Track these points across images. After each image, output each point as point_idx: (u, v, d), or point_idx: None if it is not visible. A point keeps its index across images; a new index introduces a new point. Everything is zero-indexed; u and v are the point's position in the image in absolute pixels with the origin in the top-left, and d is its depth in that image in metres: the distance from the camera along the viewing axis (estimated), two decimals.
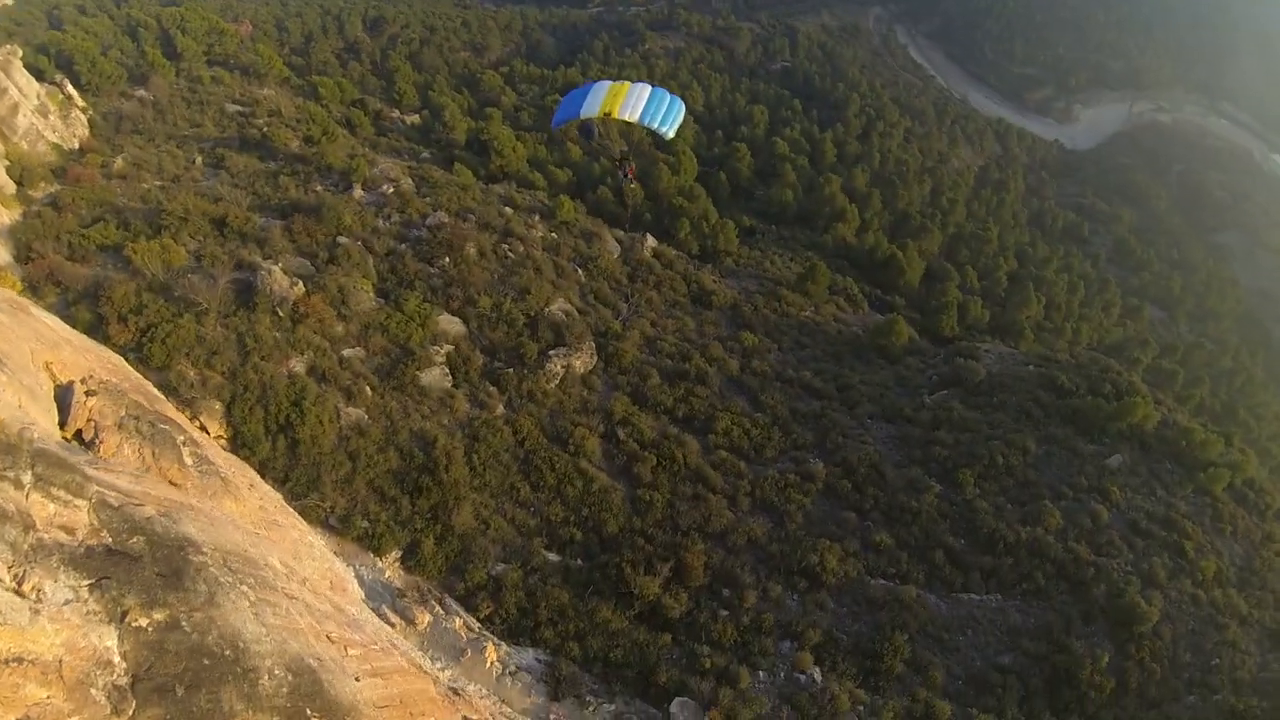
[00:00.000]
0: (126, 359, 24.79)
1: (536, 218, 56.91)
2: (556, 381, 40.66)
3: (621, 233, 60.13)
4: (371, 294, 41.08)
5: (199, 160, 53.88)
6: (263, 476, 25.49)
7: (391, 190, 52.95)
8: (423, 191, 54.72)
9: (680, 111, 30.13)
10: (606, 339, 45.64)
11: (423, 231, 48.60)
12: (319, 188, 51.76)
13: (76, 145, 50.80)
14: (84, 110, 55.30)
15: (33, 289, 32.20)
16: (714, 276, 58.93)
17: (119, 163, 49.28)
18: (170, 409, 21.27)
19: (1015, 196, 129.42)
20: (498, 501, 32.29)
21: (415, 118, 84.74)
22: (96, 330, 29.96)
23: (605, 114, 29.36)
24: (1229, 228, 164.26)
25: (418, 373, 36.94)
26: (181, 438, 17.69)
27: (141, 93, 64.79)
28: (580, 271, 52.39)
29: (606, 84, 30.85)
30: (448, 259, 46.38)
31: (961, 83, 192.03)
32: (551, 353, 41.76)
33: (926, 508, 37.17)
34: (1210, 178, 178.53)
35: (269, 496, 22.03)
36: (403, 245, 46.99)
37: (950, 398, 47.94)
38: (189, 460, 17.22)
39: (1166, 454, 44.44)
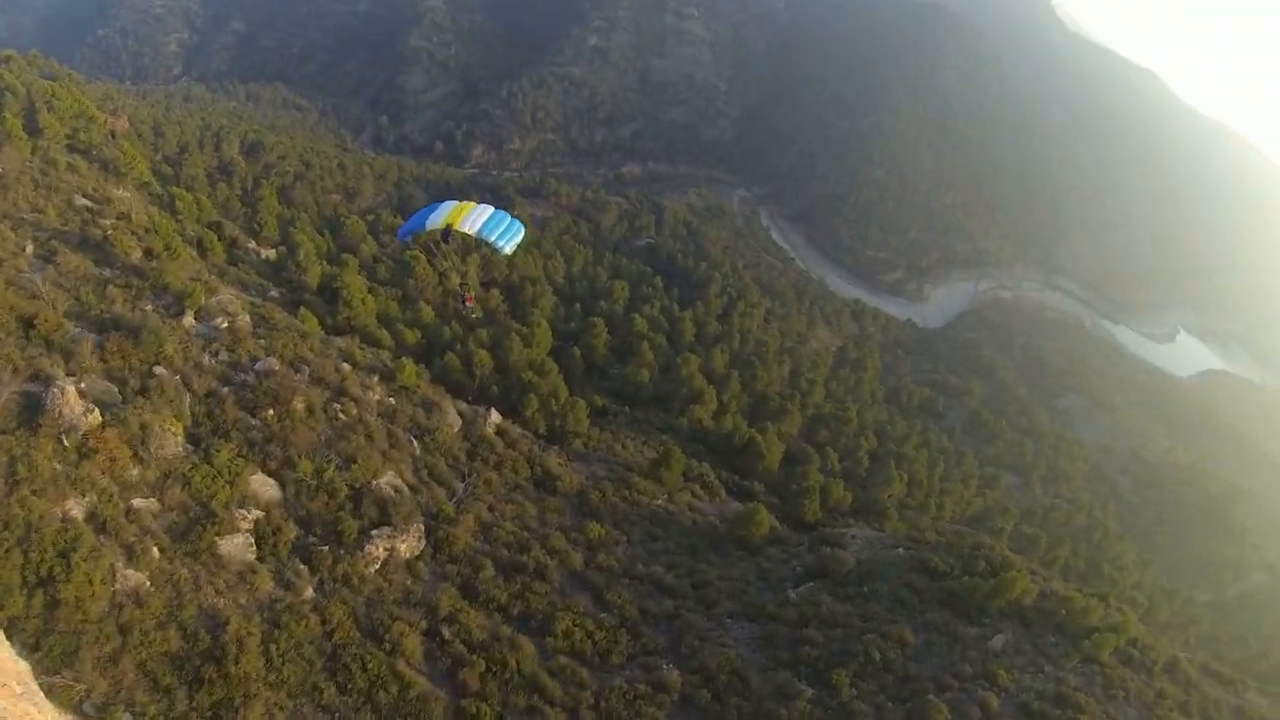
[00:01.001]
0: None
1: (376, 378, 53.71)
2: (377, 566, 36.83)
3: (465, 405, 57.44)
4: (180, 438, 36.81)
5: (29, 249, 48.99)
6: (8, 638, 20.49)
7: (226, 325, 49.03)
8: (259, 332, 50.97)
9: (519, 233, 32.47)
10: (438, 522, 42.25)
11: (250, 376, 44.75)
12: (149, 307, 46.87)
13: None
14: None
15: None
16: (561, 459, 56.31)
17: None
18: None
19: (873, 375, 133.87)
20: (295, 703, 27.52)
21: (272, 252, 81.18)
22: None
23: (448, 225, 31.79)
24: (1069, 392, 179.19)
25: (217, 539, 32.26)
26: None
27: None
28: (416, 443, 49.13)
29: (452, 202, 32.90)
30: (271, 411, 42.64)
31: (820, 265, 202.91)
32: (374, 533, 38.06)
33: (798, 715, 33.80)
34: (1049, 347, 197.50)
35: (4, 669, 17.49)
36: (225, 388, 43.00)
37: (818, 590, 45.53)
38: None
39: (1048, 626, 42.99)
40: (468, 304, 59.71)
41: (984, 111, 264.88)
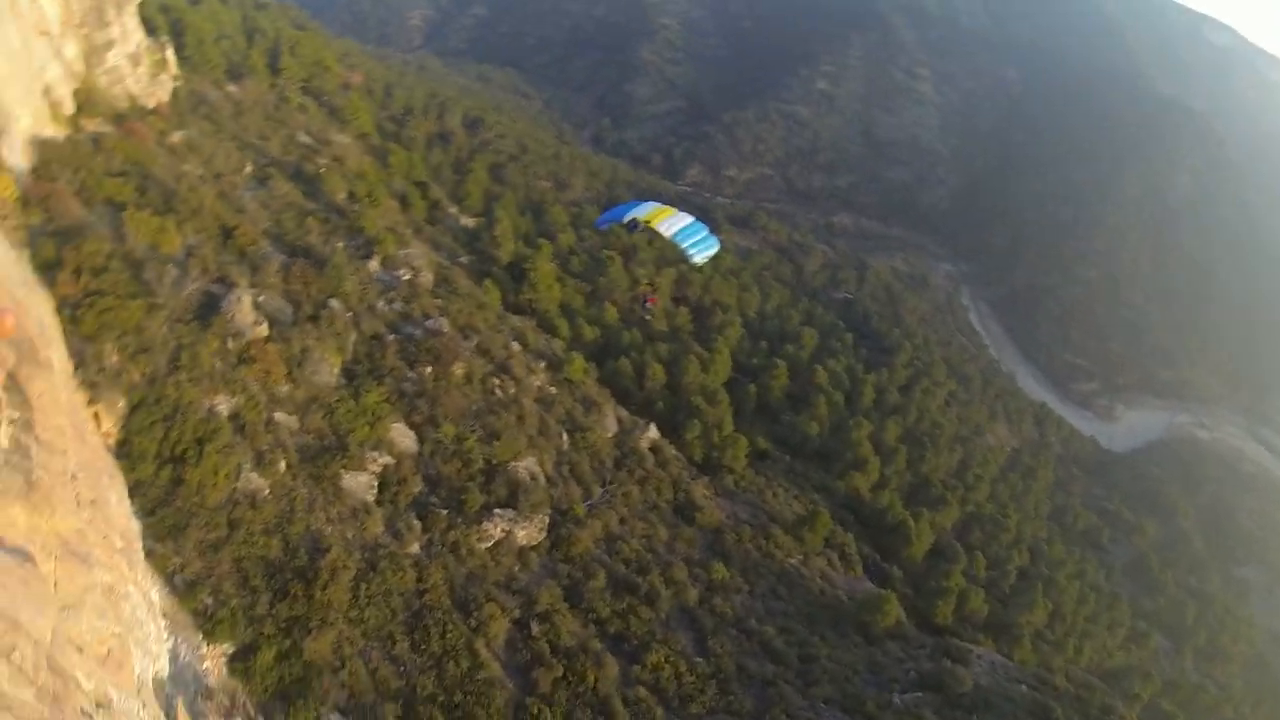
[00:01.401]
0: (59, 314, 23.70)
1: (542, 365, 54.06)
2: (490, 544, 37.03)
3: (625, 413, 56.90)
4: (336, 370, 38.13)
5: (248, 170, 52.52)
6: (131, 497, 23.05)
7: (408, 277, 50.62)
8: (438, 292, 52.30)
9: (713, 247, 33.31)
10: (564, 519, 41.89)
11: (418, 331, 45.85)
12: (340, 244, 49.39)
13: (150, 105, 49.93)
14: (174, 79, 54.67)
15: (25, 202, 30.45)
16: (708, 492, 54.97)
17: (176, 138, 48.50)
18: (39, 385, 16.60)
19: (1042, 486, 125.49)
20: (367, 644, 28.23)
21: (471, 221, 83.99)
22: (48, 271, 27.53)
23: (646, 222, 32.29)
24: (1253, 561, 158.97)
25: (343, 471, 33.63)
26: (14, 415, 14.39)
27: (232, 88, 64.94)
28: (566, 438, 48.95)
29: (655, 203, 33.86)
30: (430, 369, 43.41)
31: (1013, 359, 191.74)
32: (498, 511, 38.23)
33: None
34: (1241, 504, 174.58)
35: (107, 524, 18.01)
36: (391, 336, 44.30)
37: (924, 704, 42.20)
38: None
39: None
40: (649, 305, 59.19)
41: (1214, 229, 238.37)
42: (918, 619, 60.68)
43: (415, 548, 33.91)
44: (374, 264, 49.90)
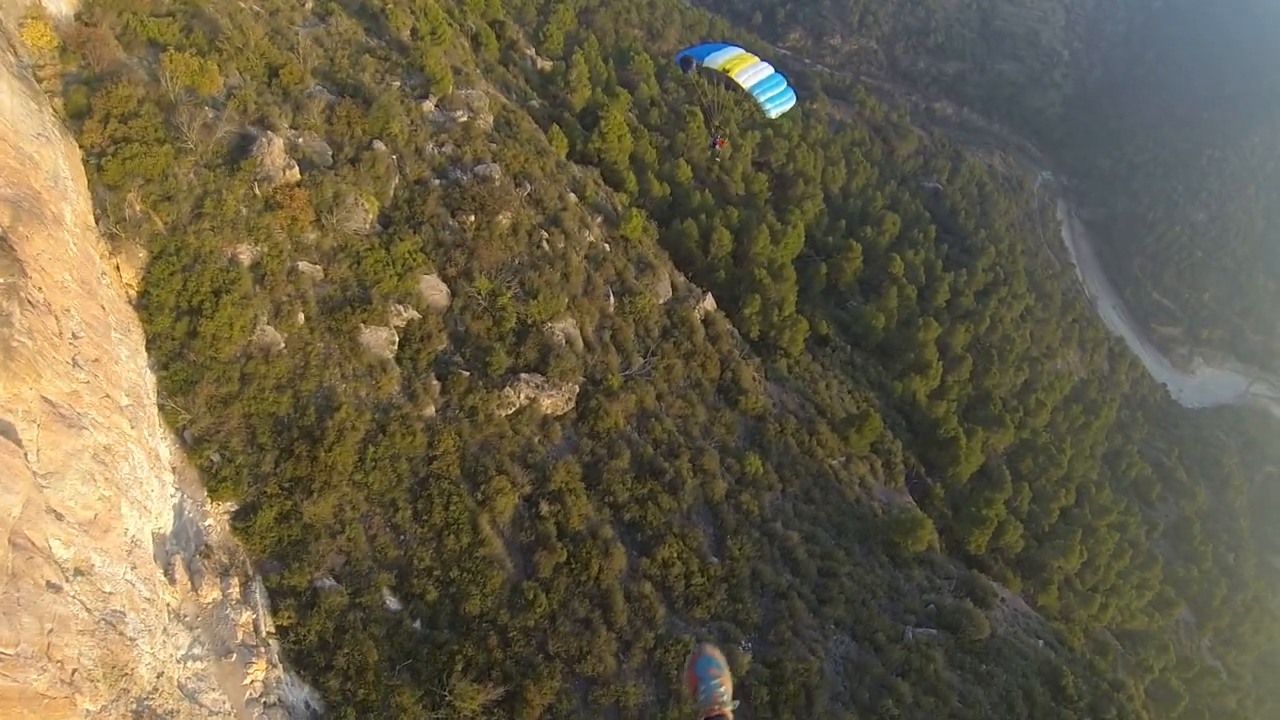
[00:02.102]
0: (85, 164, 24.81)
1: (599, 220, 48.46)
2: (510, 411, 32.98)
3: (682, 280, 51.21)
4: (372, 216, 34.32)
5: (309, 4, 47.93)
6: (147, 350, 24.23)
7: (464, 119, 45.02)
8: (496, 136, 46.60)
9: (789, 101, 32.48)
10: (597, 389, 37.23)
11: (466, 176, 40.63)
12: (397, 84, 44.13)
13: None
14: None
15: (63, 50, 28.71)
16: (756, 374, 49.53)
17: None
18: (38, 243, 16.71)
19: (1102, 425, 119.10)
20: (369, 509, 26.48)
21: (547, 65, 77.33)
22: (76, 120, 27.08)
23: (724, 70, 31.17)
24: None
25: (362, 324, 30.53)
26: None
27: None
28: (612, 301, 43.70)
29: (737, 50, 32.14)
30: (473, 218, 38.47)
31: (1099, 285, 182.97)
32: (524, 376, 34.02)
33: None
34: None
35: (110, 382, 18.48)
36: (437, 181, 39.52)
37: (936, 643, 37.69)
38: None
39: None
40: (719, 147, 54.62)
41: None
42: (951, 542, 56.99)
43: (430, 410, 30.75)
44: (429, 104, 44.26)
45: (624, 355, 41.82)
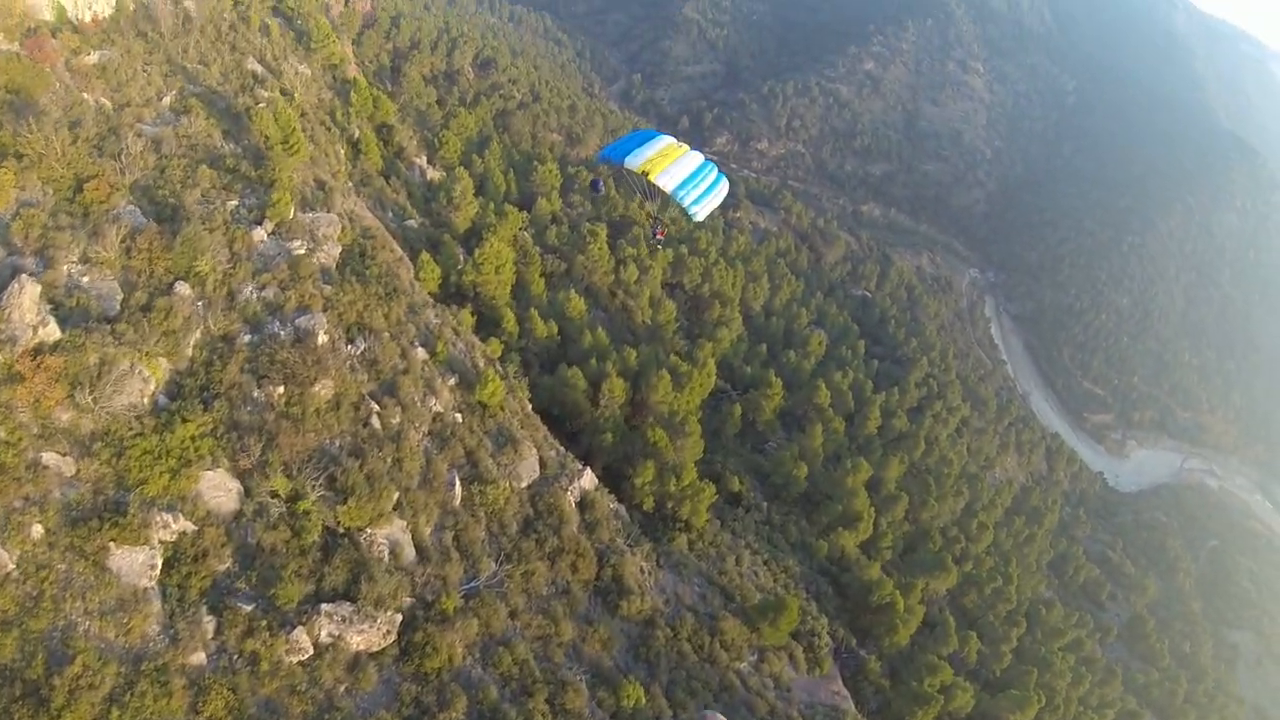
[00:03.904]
0: None
1: (452, 381, 38.97)
2: (305, 656, 23.43)
3: (557, 450, 41.64)
4: (154, 387, 25.65)
5: (167, 101, 40.51)
6: None
7: (301, 251, 35.74)
8: (335, 276, 37.21)
9: (720, 195, 28.59)
10: (428, 614, 27.79)
11: (284, 330, 31.34)
12: (232, 203, 35.25)
13: (85, 18, 41.11)
14: None
15: None
16: (645, 565, 39.92)
17: (90, 59, 38.63)
18: None
19: (1045, 532, 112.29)
20: None
21: (437, 175, 68.54)
22: None
23: (644, 173, 27.22)
24: (1245, 627, 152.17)
25: (113, 544, 22.06)
26: None
27: (188, 3, 52.15)
28: (458, 491, 34.07)
29: (665, 141, 28.44)
30: (281, 390, 29.04)
31: (1030, 378, 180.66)
32: (326, 607, 24.77)
33: None
34: (1241, 564, 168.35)
35: None
36: (247, 337, 30.15)
37: None
38: None
39: None
40: (660, 236, 46.48)
41: (1256, 274, 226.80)
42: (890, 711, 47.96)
43: (198, 657, 21.85)
44: (260, 232, 34.98)
45: (470, 562, 32.07)
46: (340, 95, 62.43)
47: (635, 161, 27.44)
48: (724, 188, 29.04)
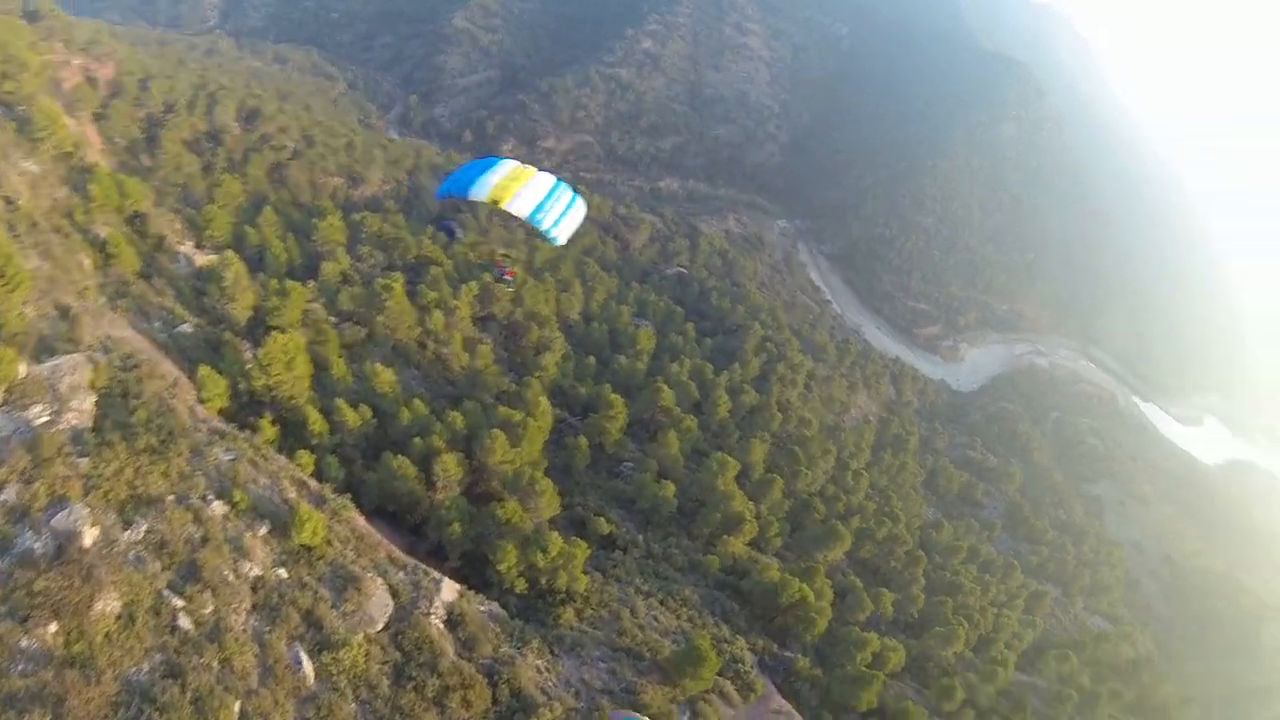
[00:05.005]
0: None
1: (264, 530, 32.22)
2: None
3: (405, 566, 36.06)
4: None
5: None
6: None
7: (44, 419, 27.68)
8: (91, 438, 29.43)
9: (577, 216, 26.99)
10: None
11: (40, 542, 23.85)
12: None
13: None
14: None
15: None
16: (540, 662, 35.30)
17: None
18: None
19: (912, 455, 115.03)
20: None
21: (209, 259, 58.34)
22: None
23: (493, 202, 25.35)
24: (1102, 478, 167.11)
25: None
26: None
27: None
28: (308, 669, 27.95)
29: (509, 165, 26.25)
30: (56, 627, 22.08)
31: (857, 311, 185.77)
32: None
33: None
34: (1083, 425, 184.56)
35: None
36: None
37: None
38: None
39: None
40: (509, 276, 41.88)
41: (1038, 173, 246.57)
42: (834, 704, 46.33)
43: None
44: None
45: None
46: (79, 189, 53.14)
47: (481, 192, 25.63)
48: (581, 206, 27.62)
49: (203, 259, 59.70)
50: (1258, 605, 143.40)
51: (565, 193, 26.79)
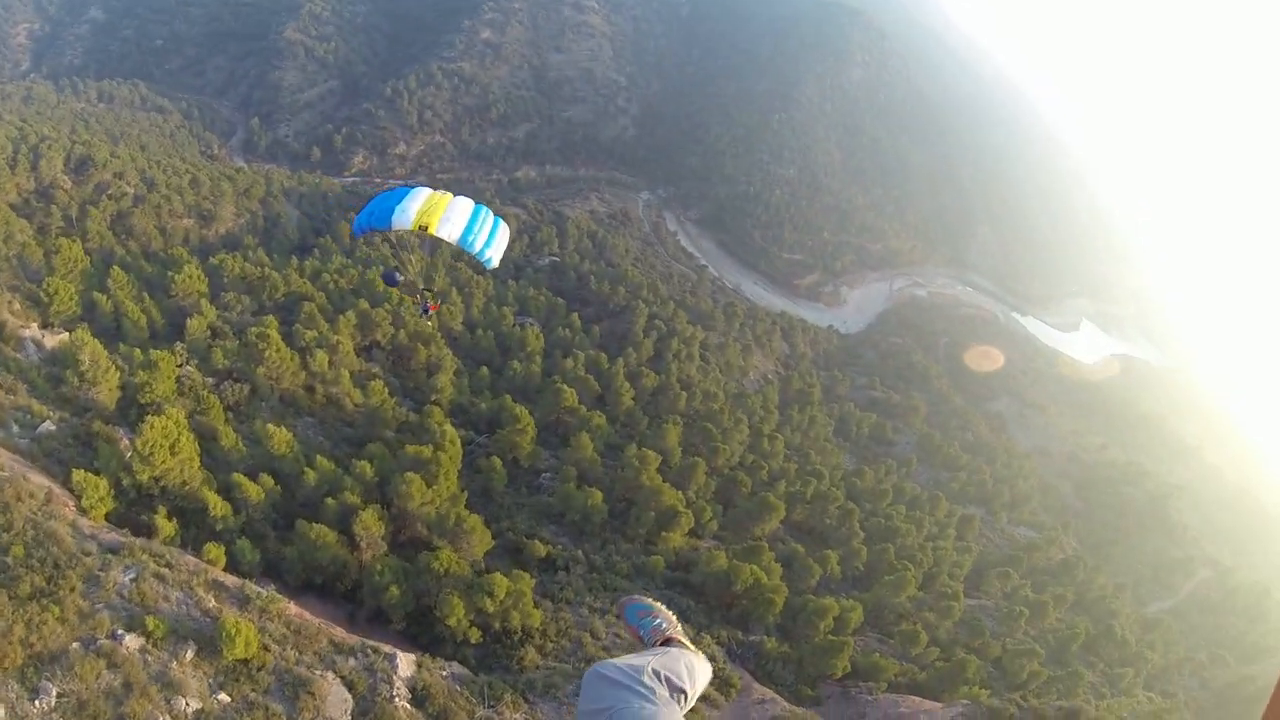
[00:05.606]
0: None
1: (190, 653, 28.11)
2: None
3: (353, 660, 32.65)
4: None
5: None
6: None
7: None
8: None
9: (505, 237, 25.01)
10: None
11: None
12: None
13: None
14: None
15: None
16: (519, 715, 32.66)
17: None
18: None
19: (818, 406, 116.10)
20: None
21: (61, 339, 51.76)
22: None
23: (421, 228, 23.01)
24: (1000, 395, 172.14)
25: None
26: None
27: None
28: None
29: (426, 191, 23.95)
30: None
31: (734, 271, 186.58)
32: None
33: None
34: (971, 345, 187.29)
35: None
36: None
37: None
38: None
39: None
40: (432, 310, 38.45)
41: (891, 110, 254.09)
42: (805, 675, 45.34)
43: None
44: None
45: None
46: None
47: (404, 220, 23.44)
48: (505, 228, 25.50)
49: (53, 339, 53.49)
50: (1161, 485, 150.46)
51: (489, 215, 24.88)
